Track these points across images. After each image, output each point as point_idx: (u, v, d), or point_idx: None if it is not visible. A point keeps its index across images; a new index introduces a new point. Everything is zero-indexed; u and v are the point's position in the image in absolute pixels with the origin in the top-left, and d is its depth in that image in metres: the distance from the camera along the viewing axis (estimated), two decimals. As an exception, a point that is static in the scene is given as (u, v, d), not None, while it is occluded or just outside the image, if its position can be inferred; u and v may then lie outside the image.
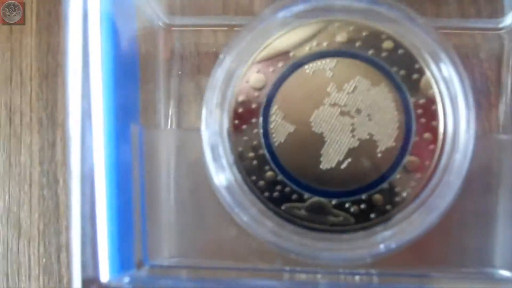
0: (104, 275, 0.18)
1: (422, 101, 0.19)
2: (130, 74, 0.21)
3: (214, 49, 0.24)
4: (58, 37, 0.35)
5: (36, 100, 0.36)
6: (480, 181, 0.21)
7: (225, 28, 0.24)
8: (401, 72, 0.19)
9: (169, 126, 0.23)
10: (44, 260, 0.35)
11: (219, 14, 0.24)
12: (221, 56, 0.20)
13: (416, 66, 0.19)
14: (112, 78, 0.19)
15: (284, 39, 0.20)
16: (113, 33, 0.19)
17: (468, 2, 0.23)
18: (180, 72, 0.24)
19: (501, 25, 0.22)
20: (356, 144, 0.19)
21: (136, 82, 0.21)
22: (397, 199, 0.19)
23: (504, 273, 0.21)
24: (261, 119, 0.20)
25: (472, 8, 0.23)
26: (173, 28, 0.24)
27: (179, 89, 0.24)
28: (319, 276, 0.20)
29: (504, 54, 0.22)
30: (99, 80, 0.18)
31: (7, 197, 0.35)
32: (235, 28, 0.23)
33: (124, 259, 0.19)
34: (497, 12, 0.23)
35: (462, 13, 0.23)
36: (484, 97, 0.22)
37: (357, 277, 0.20)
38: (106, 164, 0.19)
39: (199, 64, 0.25)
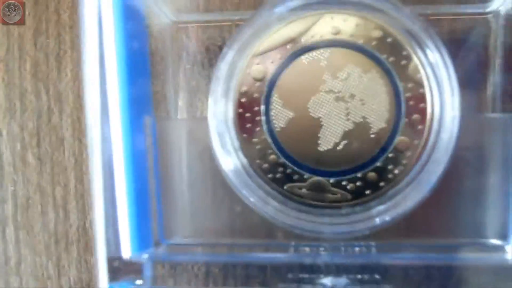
0: (126, 253, 0.20)
1: (410, 85, 0.21)
2: (142, 69, 0.23)
3: (219, 43, 0.25)
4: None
5: None
6: (471, 157, 0.22)
7: (229, 23, 0.25)
8: (390, 59, 0.21)
9: (179, 116, 0.25)
10: None
11: (223, 10, 0.26)
12: (224, 50, 0.22)
13: (404, 53, 0.21)
14: (126, 73, 0.21)
15: (281, 33, 0.22)
16: (125, 31, 0.21)
17: None
18: (188, 66, 0.25)
19: (488, 9, 0.24)
20: (351, 126, 0.21)
21: (148, 76, 0.23)
22: (390, 176, 0.21)
23: (495, 241, 0.22)
24: (262, 107, 0.21)
25: None
26: (180, 25, 0.25)
27: (188, 82, 0.25)
28: (321, 249, 0.22)
29: (491, 37, 0.24)
30: (114, 75, 0.20)
31: None
32: (238, 23, 0.25)
33: (143, 238, 0.21)
34: None
35: None
36: (474, 78, 0.24)
37: (356, 249, 0.22)
38: (123, 153, 0.21)
39: (205, 57, 0.26)
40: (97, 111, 0.21)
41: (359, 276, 0.21)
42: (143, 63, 0.23)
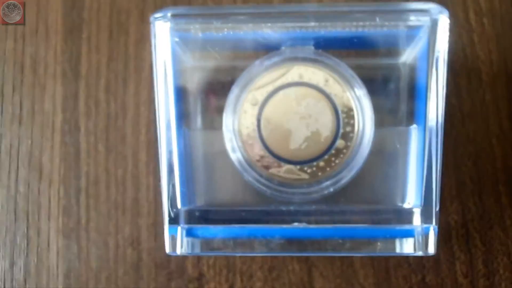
0: (178, 205, 0.31)
1: (345, 109, 0.32)
2: (180, 96, 0.33)
3: (228, 78, 0.33)
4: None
5: (61, 52, 0.38)
6: (386, 151, 0.33)
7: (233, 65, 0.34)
8: (333, 93, 0.32)
9: (204, 128, 0.33)
10: (63, 202, 0.37)
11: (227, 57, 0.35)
12: (232, 87, 0.33)
13: (341, 89, 0.32)
14: (175, 101, 0.32)
15: (268, 76, 0.32)
16: (174, 72, 0.32)
17: (378, 46, 0.34)
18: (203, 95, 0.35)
19: (399, 61, 0.33)
20: (309, 134, 0.32)
21: (183, 102, 0.34)
22: (333, 164, 0.32)
23: (406, 205, 0.32)
24: (256, 122, 0.32)
25: (382, 50, 0.34)
26: (197, 67, 0.34)
27: (206, 105, 0.34)
28: (291, 207, 0.33)
29: (401, 79, 0.33)
30: (172, 105, 0.32)
31: (29, 142, 0.37)
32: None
33: (185, 200, 0.32)
34: (398, 51, 0.33)
35: (375, 52, 0.34)
36: (387, 105, 0.34)
37: (314, 207, 0.33)
38: (177, 149, 0.32)
39: (216, 87, 0.34)
40: (164, 125, 0.31)
41: (313, 218, 0.32)
42: (181, 96, 0.34)
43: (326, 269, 0.37)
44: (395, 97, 0.34)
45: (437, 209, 0.31)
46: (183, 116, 0.34)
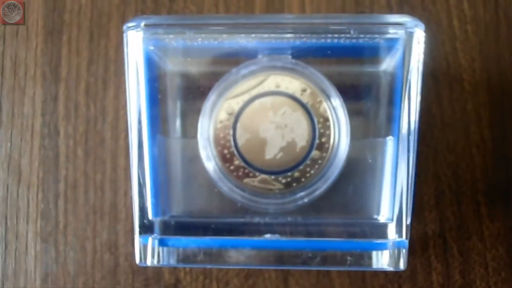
0: (149, 216, 0.31)
1: (321, 119, 0.32)
2: (155, 103, 0.33)
3: (201, 86, 0.33)
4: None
5: (41, 55, 0.38)
6: (362, 163, 0.33)
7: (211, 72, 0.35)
8: (309, 103, 0.32)
9: (177, 135, 0.34)
10: (42, 205, 0.37)
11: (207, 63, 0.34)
12: (208, 95, 0.32)
13: (318, 99, 0.32)
14: (148, 108, 0.32)
15: (244, 85, 0.32)
16: (148, 78, 0.32)
17: (355, 56, 0.34)
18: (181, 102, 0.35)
19: (380, 69, 0.33)
20: (285, 144, 0.32)
21: (159, 110, 0.34)
22: (308, 175, 0.32)
23: (380, 217, 0.33)
24: (231, 131, 0.32)
25: (364, 58, 0.34)
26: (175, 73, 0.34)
27: (182, 112, 0.35)
28: (266, 218, 0.33)
29: (381, 88, 0.33)
30: (144, 113, 0.31)
31: (9, 144, 0.37)
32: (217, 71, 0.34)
33: (157, 210, 0.32)
34: (378, 60, 0.33)
35: (356, 60, 0.34)
36: (366, 114, 0.34)
37: (288, 218, 0.33)
38: (148, 157, 0.32)
39: (193, 94, 0.34)
40: (135, 135, 0.31)
41: (288, 230, 0.32)
42: (156, 101, 0.33)
43: (302, 278, 0.37)
44: (374, 107, 0.34)
45: (408, 223, 0.31)
46: (158, 124, 0.33)
